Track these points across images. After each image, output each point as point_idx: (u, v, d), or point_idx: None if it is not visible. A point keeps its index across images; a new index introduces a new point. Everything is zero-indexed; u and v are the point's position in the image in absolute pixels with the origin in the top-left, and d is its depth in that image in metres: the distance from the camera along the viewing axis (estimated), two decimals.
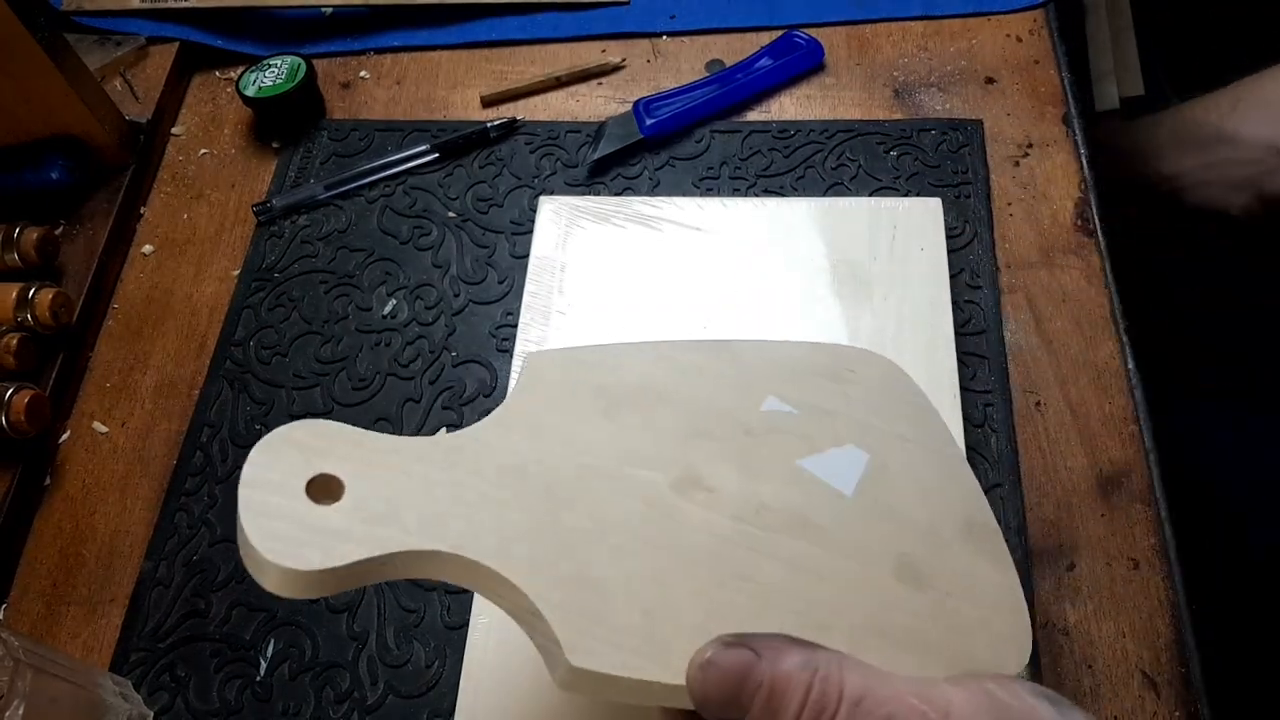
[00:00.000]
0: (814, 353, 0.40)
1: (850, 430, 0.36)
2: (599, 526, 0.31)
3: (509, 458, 0.32)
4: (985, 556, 0.34)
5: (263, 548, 0.27)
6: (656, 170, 0.56)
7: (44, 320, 0.50)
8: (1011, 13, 0.60)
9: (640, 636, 0.29)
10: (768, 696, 0.27)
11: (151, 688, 0.44)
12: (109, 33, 0.64)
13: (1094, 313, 0.49)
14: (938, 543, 0.34)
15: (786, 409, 0.36)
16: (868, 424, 0.37)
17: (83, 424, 0.52)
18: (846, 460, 0.35)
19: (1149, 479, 0.45)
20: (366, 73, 0.64)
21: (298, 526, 0.28)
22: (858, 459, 0.35)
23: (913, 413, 0.38)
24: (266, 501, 0.28)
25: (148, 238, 0.59)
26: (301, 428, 0.30)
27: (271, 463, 0.29)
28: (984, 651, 0.32)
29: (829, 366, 0.39)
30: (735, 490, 0.33)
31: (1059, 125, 0.56)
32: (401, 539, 0.29)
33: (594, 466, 0.33)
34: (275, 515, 0.28)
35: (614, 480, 0.33)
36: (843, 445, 0.36)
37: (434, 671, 0.43)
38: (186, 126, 0.63)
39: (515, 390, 0.35)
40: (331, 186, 0.57)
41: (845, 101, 0.58)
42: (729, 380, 0.37)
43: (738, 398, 0.36)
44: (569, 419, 0.34)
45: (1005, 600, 0.34)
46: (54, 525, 0.49)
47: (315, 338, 0.53)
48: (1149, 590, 0.42)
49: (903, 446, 0.37)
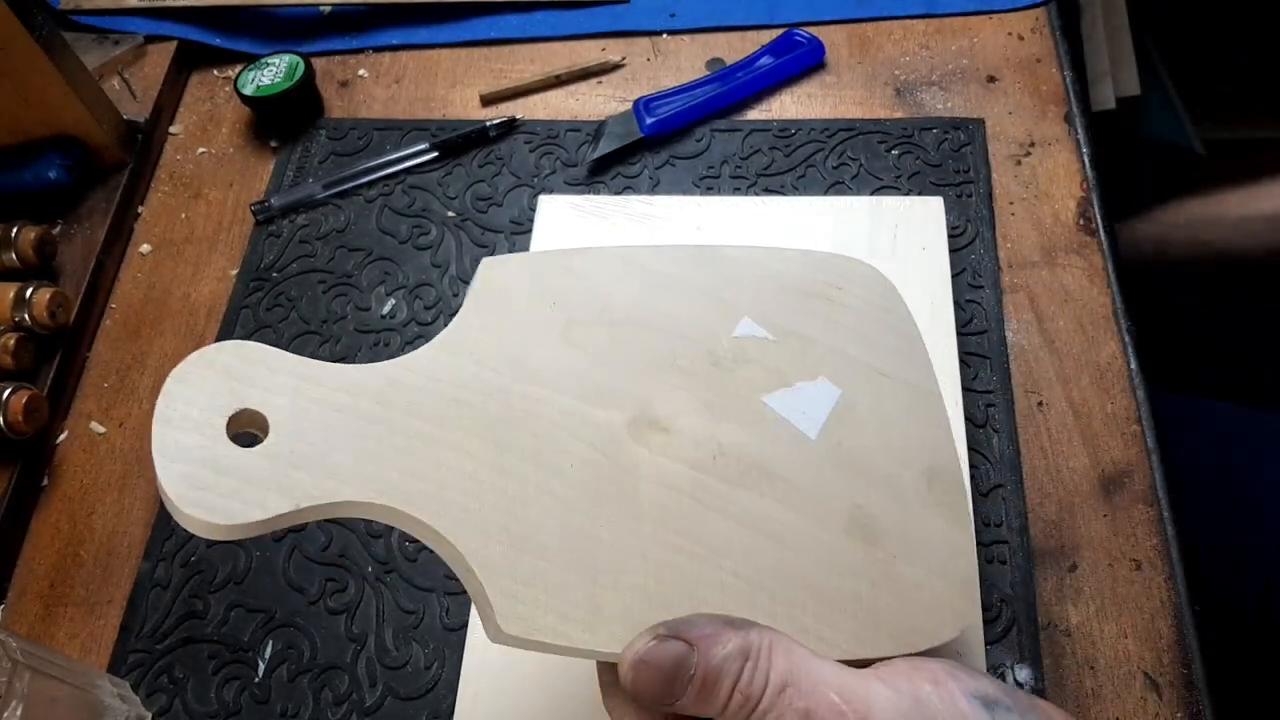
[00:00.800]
0: (803, 265, 0.37)
1: (826, 360, 0.34)
2: (543, 475, 0.29)
3: (452, 391, 0.29)
4: (943, 511, 0.33)
5: (179, 498, 0.25)
6: (656, 169, 0.56)
7: (41, 320, 0.50)
8: (1013, 11, 0.60)
9: (576, 602, 0.28)
10: (699, 688, 0.28)
11: (149, 689, 0.44)
12: (107, 32, 0.64)
13: (1096, 312, 0.49)
14: (895, 494, 0.33)
15: (761, 334, 0.34)
16: (845, 353, 0.35)
17: (80, 424, 0.52)
18: (816, 396, 0.34)
19: (1151, 479, 0.44)
20: (365, 71, 0.63)
21: (216, 473, 0.26)
22: (828, 395, 0.34)
23: (895, 342, 0.36)
24: (182, 442, 0.26)
25: (145, 237, 0.58)
26: (227, 350, 0.27)
27: (191, 395, 0.27)
28: (923, 618, 0.31)
29: (817, 282, 0.36)
30: (693, 432, 0.31)
31: (1061, 124, 0.55)
32: (330, 488, 0.27)
33: (545, 401, 0.30)
34: (192, 460, 0.26)
35: (565, 419, 0.30)
36: (815, 379, 0.34)
37: (433, 673, 0.43)
38: (184, 125, 0.63)
39: (468, 303, 0.32)
40: (330, 186, 0.57)
41: (846, 100, 0.58)
42: (704, 296, 0.34)
43: (711, 318, 0.34)
44: (522, 340, 0.31)
45: (954, 563, 0.33)
46: (52, 526, 0.49)
47: (314, 337, 0.53)
48: (1151, 591, 0.42)
49: (877, 381, 0.35)
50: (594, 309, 0.33)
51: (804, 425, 0.33)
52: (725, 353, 0.33)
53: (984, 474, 0.45)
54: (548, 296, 0.33)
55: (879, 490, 0.33)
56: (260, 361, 0.28)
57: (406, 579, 0.45)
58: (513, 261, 0.33)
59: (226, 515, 0.25)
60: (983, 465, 0.45)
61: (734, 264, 0.36)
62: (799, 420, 0.33)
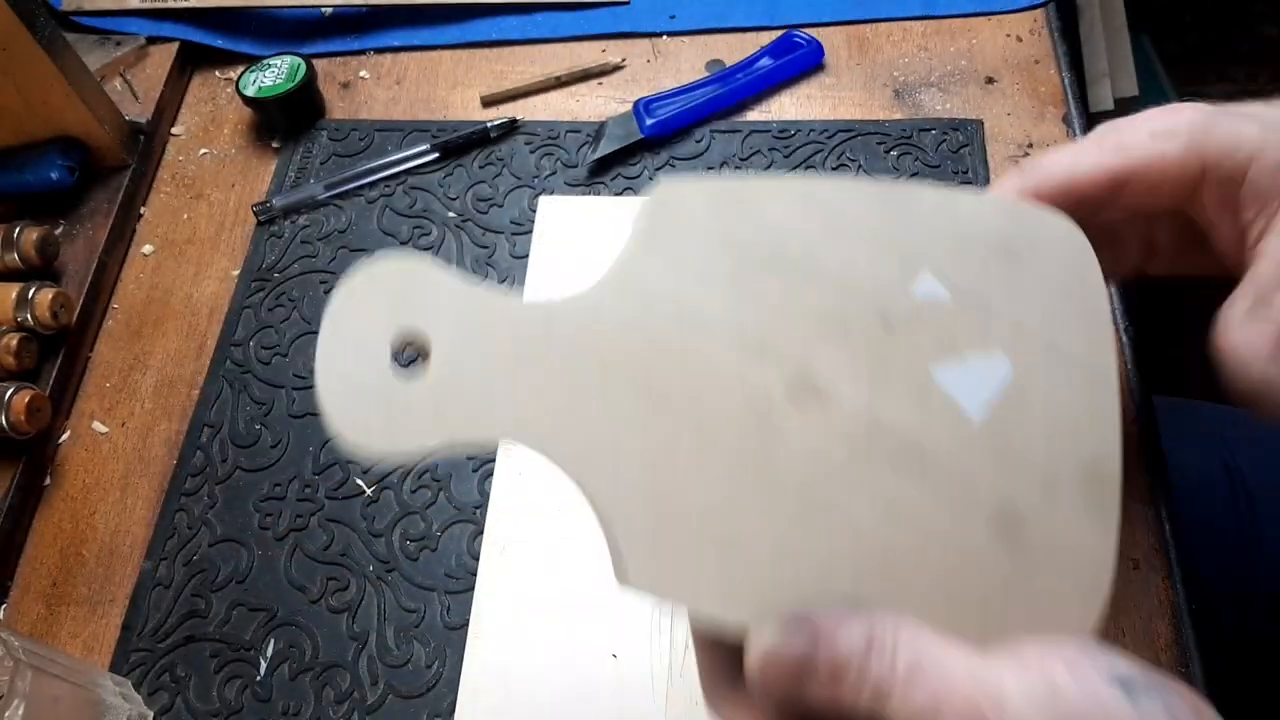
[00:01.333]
0: (997, 214, 0.34)
1: (1003, 330, 0.31)
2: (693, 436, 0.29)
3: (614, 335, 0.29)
4: (1095, 518, 0.31)
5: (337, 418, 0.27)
6: (656, 170, 0.56)
7: (44, 320, 0.50)
8: (1012, 12, 0.60)
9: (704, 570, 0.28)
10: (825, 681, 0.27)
11: (151, 688, 0.44)
12: (109, 33, 0.64)
13: None
14: (1049, 494, 0.31)
15: (940, 293, 0.31)
16: (1023, 323, 0.32)
17: (82, 424, 0.52)
18: (987, 372, 0.31)
19: (1148, 479, 0.45)
20: (366, 73, 0.64)
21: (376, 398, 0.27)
22: (1000, 372, 0.31)
23: (1081, 316, 0.33)
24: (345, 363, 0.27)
25: (147, 238, 0.59)
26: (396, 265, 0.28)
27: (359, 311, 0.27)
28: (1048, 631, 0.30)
29: (1006, 235, 0.33)
30: (852, 402, 0.30)
31: (1059, 125, 0.56)
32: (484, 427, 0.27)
33: (705, 353, 0.29)
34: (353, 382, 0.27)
35: (723, 374, 0.29)
36: (989, 351, 0.31)
37: (434, 671, 0.43)
38: (186, 126, 0.63)
39: (639, 231, 0.31)
40: (331, 186, 0.57)
41: (845, 101, 0.58)
42: (885, 242, 0.32)
43: (889, 269, 0.31)
44: (690, 281, 0.30)
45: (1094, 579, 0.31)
46: (54, 525, 0.49)
47: (315, 338, 0.53)
48: (1149, 591, 0.42)
49: (1050, 359, 0.32)
50: (767, 250, 0.31)
51: (969, 405, 0.31)
52: (899, 312, 0.31)
53: None
54: (719, 232, 0.31)
55: (1033, 488, 0.31)
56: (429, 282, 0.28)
57: (408, 578, 0.45)
58: (687, 188, 0.31)
59: (383, 441, 0.26)
60: None
61: (921, 205, 0.33)
62: (965, 398, 0.31)
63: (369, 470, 0.48)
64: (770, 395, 0.29)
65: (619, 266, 0.30)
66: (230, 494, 0.48)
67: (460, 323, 0.28)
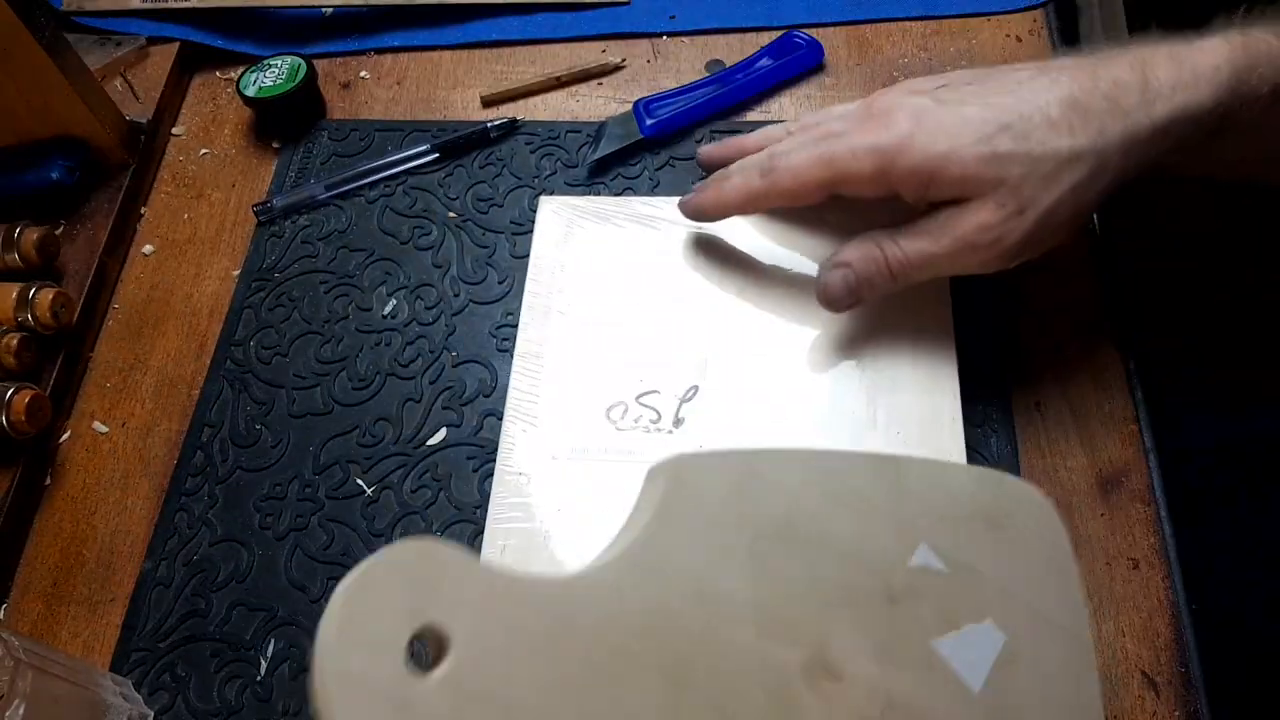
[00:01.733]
0: (978, 484, 0.36)
1: (992, 599, 0.33)
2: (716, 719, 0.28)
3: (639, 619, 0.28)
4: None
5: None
6: (656, 170, 0.56)
7: (44, 320, 0.50)
8: (1011, 13, 0.60)
9: None
10: None
11: (152, 687, 0.44)
12: (109, 33, 0.64)
13: (1094, 312, 0.49)
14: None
15: (937, 565, 0.33)
16: (1009, 592, 0.33)
17: (83, 424, 0.52)
18: (982, 642, 0.32)
19: (1148, 479, 0.45)
20: (367, 73, 0.64)
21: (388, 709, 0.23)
22: (994, 641, 0.32)
23: (1055, 580, 0.35)
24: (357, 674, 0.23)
25: (148, 238, 0.59)
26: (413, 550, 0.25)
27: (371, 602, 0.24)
28: None
29: (989, 507, 0.35)
30: (866, 681, 0.30)
31: None
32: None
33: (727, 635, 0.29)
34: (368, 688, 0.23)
35: (745, 656, 0.29)
36: (982, 621, 0.32)
37: None
38: (187, 126, 0.63)
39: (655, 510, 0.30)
40: (332, 186, 0.58)
41: (845, 101, 0.58)
42: (885, 517, 0.33)
43: (889, 542, 0.33)
44: (709, 559, 0.30)
45: None
46: (54, 525, 0.49)
47: (315, 338, 0.53)
48: (1149, 590, 0.42)
49: (1036, 626, 0.33)
50: (778, 524, 0.31)
51: (969, 675, 0.32)
52: (901, 585, 0.32)
53: None
54: (734, 507, 0.31)
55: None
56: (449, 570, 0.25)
57: None
58: (702, 464, 0.32)
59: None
60: (981, 465, 0.45)
61: (914, 478, 0.34)
62: (964, 670, 0.32)
63: (369, 470, 0.48)
64: (789, 677, 0.29)
65: (638, 545, 0.29)
66: (230, 494, 0.48)
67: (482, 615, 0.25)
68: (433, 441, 0.49)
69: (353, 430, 0.49)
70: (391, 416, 0.50)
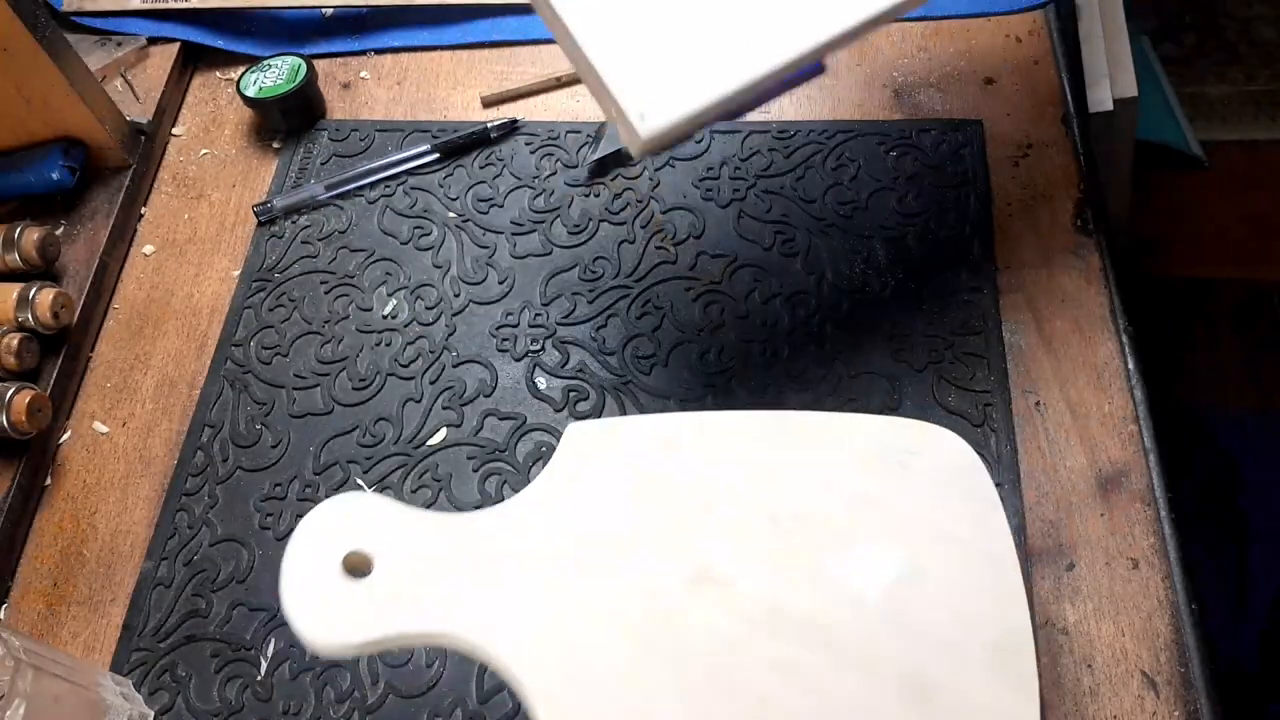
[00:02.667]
0: (882, 430, 0.37)
1: (893, 524, 0.35)
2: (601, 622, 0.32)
3: (531, 542, 0.34)
4: (1006, 683, 0.33)
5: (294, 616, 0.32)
6: (657, 170, 0.56)
7: (44, 320, 0.50)
8: (1011, 14, 0.60)
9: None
10: None
11: (152, 687, 0.44)
12: (110, 33, 0.64)
13: (1093, 313, 0.49)
14: (956, 663, 0.33)
15: (830, 496, 0.35)
16: (919, 517, 0.35)
17: (83, 424, 0.52)
18: (879, 560, 0.34)
19: (1148, 478, 0.45)
20: (367, 73, 0.64)
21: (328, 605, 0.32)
22: (892, 559, 0.34)
23: (973, 508, 0.36)
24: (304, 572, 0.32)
25: (148, 238, 0.59)
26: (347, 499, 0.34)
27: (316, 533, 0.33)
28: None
29: (893, 447, 0.37)
30: (751, 588, 0.33)
31: (1058, 125, 0.56)
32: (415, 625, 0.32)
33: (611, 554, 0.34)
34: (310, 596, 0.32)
35: (627, 571, 0.33)
36: (879, 543, 0.35)
37: (434, 671, 0.43)
38: (187, 127, 0.63)
39: (552, 464, 0.36)
40: (332, 187, 0.58)
41: (845, 102, 0.58)
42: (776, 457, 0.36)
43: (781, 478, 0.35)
44: (598, 498, 0.35)
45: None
46: (54, 525, 0.49)
47: (315, 338, 0.53)
48: (1148, 590, 0.42)
49: (950, 549, 0.35)
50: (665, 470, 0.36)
51: (863, 589, 0.34)
52: (792, 511, 0.35)
53: None
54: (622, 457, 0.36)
55: (939, 656, 0.33)
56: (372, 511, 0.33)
57: None
58: (594, 428, 0.37)
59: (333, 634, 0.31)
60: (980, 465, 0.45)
61: (808, 428, 0.37)
62: (859, 583, 0.34)
63: (369, 470, 0.48)
64: (672, 587, 0.33)
65: (534, 489, 0.35)
66: (231, 494, 0.48)
67: (396, 540, 0.33)
68: (433, 441, 0.49)
69: (353, 430, 0.49)
70: (391, 416, 0.50)
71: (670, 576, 0.33)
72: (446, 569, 0.33)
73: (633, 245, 0.54)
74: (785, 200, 0.54)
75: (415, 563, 0.33)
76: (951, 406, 0.47)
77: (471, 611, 0.32)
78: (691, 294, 0.52)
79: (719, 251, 0.53)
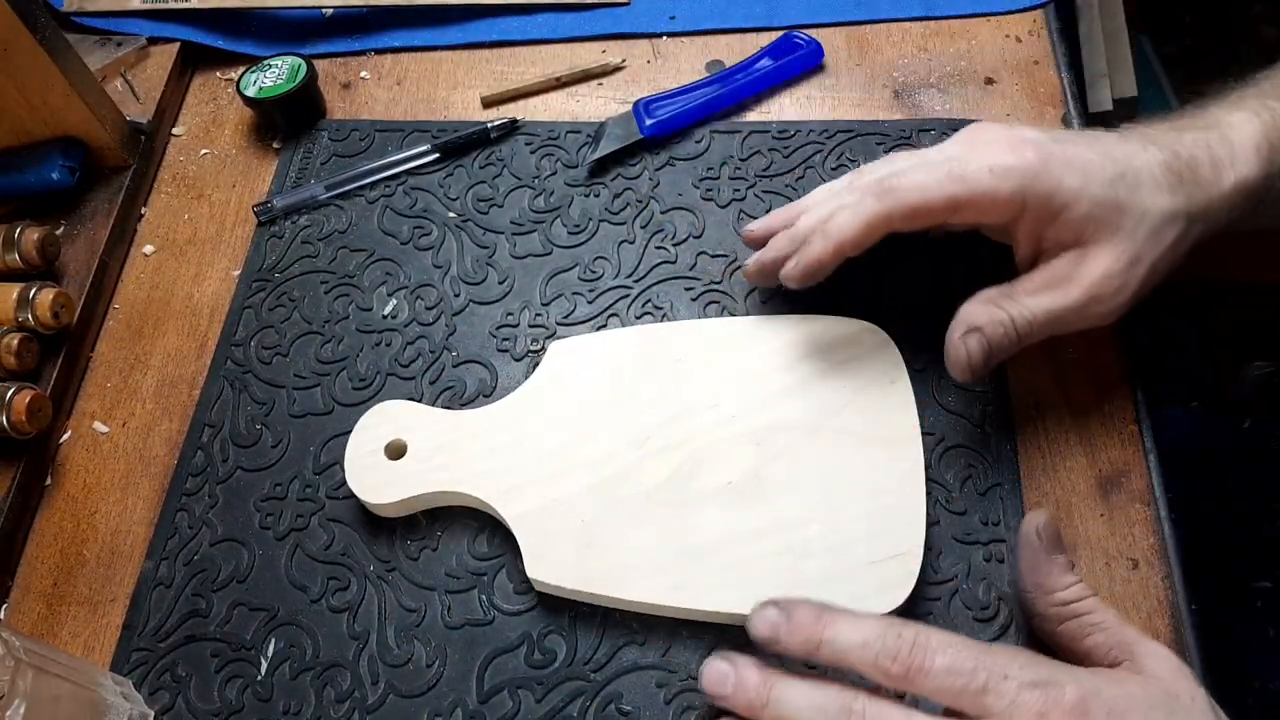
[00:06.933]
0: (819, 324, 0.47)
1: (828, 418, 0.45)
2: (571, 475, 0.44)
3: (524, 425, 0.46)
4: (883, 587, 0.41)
5: (355, 487, 0.45)
6: (656, 170, 0.56)
7: (44, 320, 0.50)
8: (1011, 13, 0.60)
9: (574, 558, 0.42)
10: None
11: (152, 687, 0.44)
12: (110, 33, 0.64)
13: None
14: None
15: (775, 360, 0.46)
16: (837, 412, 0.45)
17: (83, 424, 0.52)
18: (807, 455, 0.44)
19: (1148, 479, 0.45)
20: (367, 73, 0.64)
21: (377, 475, 0.45)
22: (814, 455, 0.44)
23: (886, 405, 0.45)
24: (360, 459, 0.46)
25: (148, 238, 0.59)
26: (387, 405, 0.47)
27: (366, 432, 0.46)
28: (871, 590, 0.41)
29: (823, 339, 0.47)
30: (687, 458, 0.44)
31: (1058, 126, 0.56)
32: (433, 483, 0.45)
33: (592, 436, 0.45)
34: (364, 469, 0.46)
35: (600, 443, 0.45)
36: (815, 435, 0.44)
37: (434, 671, 0.43)
38: (187, 127, 0.63)
39: (540, 368, 0.48)
40: (332, 187, 0.58)
41: (845, 102, 0.58)
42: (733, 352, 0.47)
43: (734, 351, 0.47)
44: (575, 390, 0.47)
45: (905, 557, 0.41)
46: (55, 525, 0.49)
47: (316, 338, 0.53)
48: (1148, 590, 0.42)
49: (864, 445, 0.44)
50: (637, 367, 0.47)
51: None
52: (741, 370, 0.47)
53: (981, 473, 0.45)
54: (605, 360, 0.48)
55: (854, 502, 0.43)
56: (405, 410, 0.47)
57: (408, 577, 0.45)
58: (575, 341, 0.49)
59: (381, 495, 0.45)
60: (980, 465, 0.45)
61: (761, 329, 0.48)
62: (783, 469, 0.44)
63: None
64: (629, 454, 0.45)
65: (526, 387, 0.47)
66: (231, 494, 0.48)
67: (423, 430, 0.46)
68: None
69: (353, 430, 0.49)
70: None
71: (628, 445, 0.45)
72: (456, 446, 0.46)
73: (633, 245, 0.54)
74: (785, 200, 0.54)
75: (434, 444, 0.46)
76: (951, 406, 0.47)
77: (473, 473, 0.45)
78: (691, 294, 0.52)
79: (719, 251, 0.53)
